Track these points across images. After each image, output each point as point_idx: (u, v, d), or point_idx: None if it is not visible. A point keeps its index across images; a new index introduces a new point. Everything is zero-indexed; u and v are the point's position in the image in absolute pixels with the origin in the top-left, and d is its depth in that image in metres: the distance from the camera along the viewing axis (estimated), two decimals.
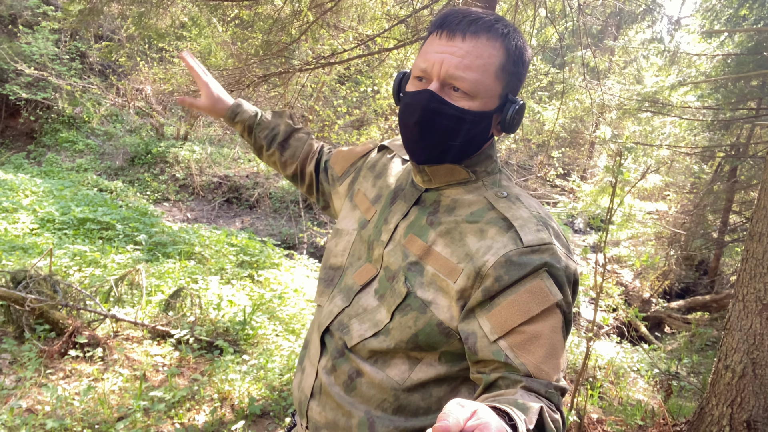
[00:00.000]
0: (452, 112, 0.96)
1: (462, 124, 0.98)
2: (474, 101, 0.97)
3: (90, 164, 10.13)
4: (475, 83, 0.95)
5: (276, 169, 1.51)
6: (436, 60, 0.96)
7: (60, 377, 3.05)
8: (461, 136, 0.99)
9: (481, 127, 1.00)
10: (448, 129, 0.98)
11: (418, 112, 0.98)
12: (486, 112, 0.99)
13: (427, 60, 0.97)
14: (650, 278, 8.80)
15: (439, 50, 0.96)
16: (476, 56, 0.95)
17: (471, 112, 0.97)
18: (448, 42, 0.96)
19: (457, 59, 0.94)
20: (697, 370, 5.44)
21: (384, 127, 8.13)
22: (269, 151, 1.46)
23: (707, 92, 7.43)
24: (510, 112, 1.01)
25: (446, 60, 0.95)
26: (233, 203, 10.61)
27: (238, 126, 1.45)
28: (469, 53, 0.95)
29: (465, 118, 0.97)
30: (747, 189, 8.42)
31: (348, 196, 1.29)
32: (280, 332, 4.28)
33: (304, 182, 1.47)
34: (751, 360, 2.62)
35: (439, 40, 0.97)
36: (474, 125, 0.99)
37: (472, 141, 1.01)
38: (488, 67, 0.96)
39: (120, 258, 5.17)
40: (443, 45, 0.96)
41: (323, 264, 1.23)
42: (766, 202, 2.61)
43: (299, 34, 4.69)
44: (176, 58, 8.92)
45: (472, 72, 0.95)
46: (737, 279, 2.78)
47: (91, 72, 11.47)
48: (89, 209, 6.71)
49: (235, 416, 3.06)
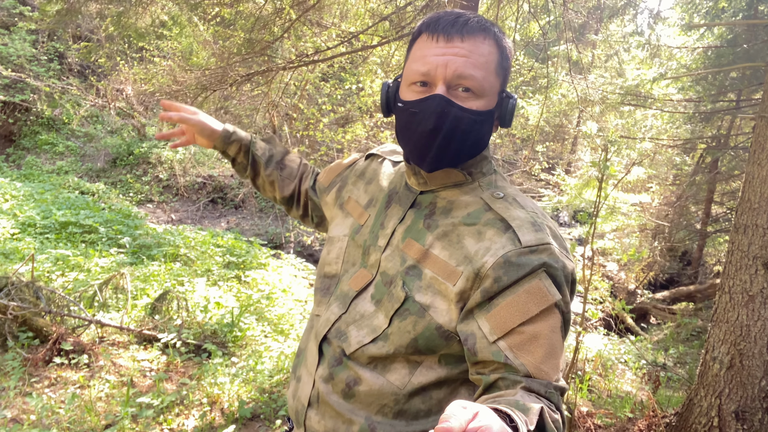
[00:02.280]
0: (467, 115, 0.96)
1: (474, 125, 0.98)
2: (481, 100, 0.97)
3: (71, 166, 9.97)
4: (483, 81, 0.96)
5: (271, 191, 1.46)
6: (439, 63, 0.95)
7: (45, 385, 3.00)
8: (471, 137, 0.99)
9: (487, 126, 1.01)
10: (463, 132, 0.98)
11: (432, 118, 0.96)
12: (491, 111, 1.00)
13: (427, 63, 0.96)
14: (635, 270, 8.89)
15: (440, 53, 0.95)
16: (479, 54, 0.95)
17: (482, 113, 0.97)
18: (448, 44, 0.95)
19: (463, 59, 0.94)
20: (683, 360, 5.51)
21: (369, 124, 8.11)
22: (267, 171, 1.42)
23: (688, 84, 7.52)
24: (509, 107, 1.02)
25: (451, 61, 0.94)
26: (218, 203, 10.52)
27: (233, 146, 1.40)
28: (472, 52, 0.95)
29: (476, 119, 0.97)
30: (728, 180, 8.54)
31: (337, 205, 1.28)
32: (268, 333, 4.25)
33: (300, 202, 1.46)
34: (738, 351, 2.64)
35: (436, 43, 0.96)
36: (482, 125, 0.99)
37: (480, 141, 1.02)
38: (489, 64, 0.97)
39: (104, 262, 5.09)
40: (443, 47, 0.95)
41: (318, 274, 1.22)
42: (750, 195, 2.63)
43: (282, 32, 4.65)
44: (157, 58, 8.81)
45: (479, 70, 0.95)
46: (723, 271, 2.81)
47: (70, 73, 11.29)
48: (71, 212, 6.60)
49: (225, 420, 3.02)
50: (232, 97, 8.08)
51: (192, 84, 5.08)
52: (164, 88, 5.98)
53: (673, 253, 9.56)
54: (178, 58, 8.16)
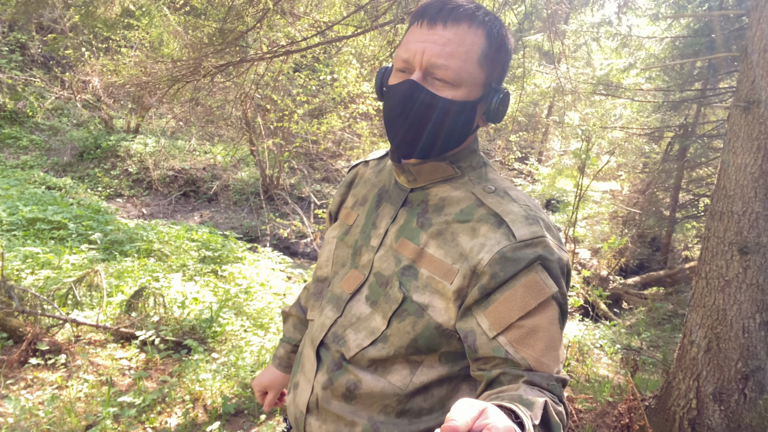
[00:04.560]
0: (435, 102, 0.94)
1: (446, 114, 0.95)
2: (458, 90, 0.94)
3: (36, 161, 9.69)
4: (458, 71, 0.93)
5: None
6: (417, 49, 0.93)
7: (22, 387, 2.92)
8: (445, 127, 0.97)
9: (465, 118, 0.98)
10: (431, 120, 0.95)
11: (400, 103, 0.95)
12: (470, 102, 0.97)
13: (408, 50, 0.95)
14: (607, 256, 9.07)
15: (421, 39, 0.94)
16: (458, 43, 0.93)
17: (455, 102, 0.94)
18: (429, 30, 0.93)
19: (439, 47, 0.92)
20: (656, 344, 5.65)
21: (344, 115, 8.05)
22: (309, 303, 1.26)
23: (656, 74, 7.66)
24: (495, 100, 0.98)
25: (428, 48, 0.92)
26: (191, 197, 10.34)
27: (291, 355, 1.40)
28: (451, 41, 0.92)
29: (449, 108, 0.94)
30: (695, 167, 8.75)
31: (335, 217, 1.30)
32: (248, 327, 4.21)
33: None
34: (715, 335, 2.72)
35: (420, 29, 0.95)
36: (458, 115, 0.96)
37: (455, 132, 0.99)
38: (471, 54, 0.94)
39: (75, 259, 4.96)
40: (424, 34, 0.94)
41: (312, 279, 1.22)
42: (726, 183, 2.70)
43: (255, 21, 4.57)
44: (124, 48, 8.58)
45: (454, 59, 0.92)
46: (700, 257, 2.88)
47: (33, 64, 10.94)
48: (38, 208, 6.41)
49: (209, 417, 2.99)
50: (202, 89, 7.93)
51: (163, 75, 4.98)
52: (133, 79, 5.84)
53: (642, 239, 9.79)
54: (147, 49, 7.96)
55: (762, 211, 2.66)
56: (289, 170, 10.77)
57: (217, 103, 9.90)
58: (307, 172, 10.94)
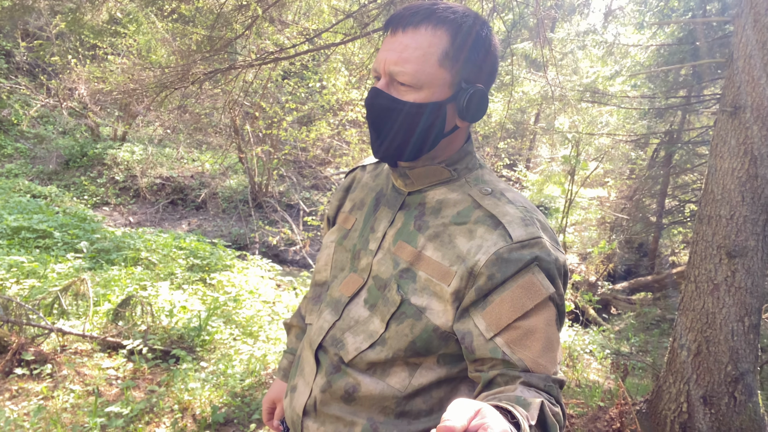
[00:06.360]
0: (398, 106, 0.96)
1: (412, 117, 0.96)
2: (420, 93, 0.95)
3: (21, 169, 9.57)
4: (415, 74, 0.93)
5: None
6: (381, 58, 0.97)
7: (6, 398, 2.86)
8: (415, 129, 0.98)
9: (434, 118, 0.97)
10: (397, 123, 0.97)
11: (369, 111, 1.00)
12: (436, 103, 0.96)
13: (377, 60, 0.98)
14: (595, 262, 9.12)
15: (385, 48, 0.97)
16: (414, 48, 0.93)
17: (419, 105, 0.95)
18: (392, 38, 0.96)
19: (396, 54, 0.94)
20: (645, 348, 5.68)
21: (333, 122, 8.05)
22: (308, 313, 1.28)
23: (642, 81, 7.74)
24: (463, 99, 0.97)
25: (388, 56, 0.95)
26: (178, 205, 10.27)
27: None
28: (407, 46, 0.94)
29: (415, 111, 0.95)
30: (680, 174, 8.84)
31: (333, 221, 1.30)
32: (237, 336, 4.17)
33: None
34: (704, 338, 2.74)
35: (387, 39, 0.98)
36: (426, 117, 0.96)
37: (427, 133, 0.98)
38: (428, 56, 0.93)
39: (60, 267, 4.89)
40: (388, 42, 0.97)
41: (311, 284, 1.22)
42: (713, 187, 2.73)
43: (244, 29, 4.56)
44: (111, 55, 8.53)
45: (410, 64, 0.93)
46: (689, 261, 2.90)
47: (19, 71, 10.83)
48: (23, 217, 6.33)
49: (198, 426, 2.95)
50: (191, 96, 7.89)
51: (151, 82, 4.95)
52: (120, 86, 5.80)
53: (630, 244, 9.85)
54: (134, 56, 7.92)
55: (749, 214, 2.69)
56: (278, 178, 10.74)
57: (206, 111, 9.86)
58: (296, 180, 10.91)
